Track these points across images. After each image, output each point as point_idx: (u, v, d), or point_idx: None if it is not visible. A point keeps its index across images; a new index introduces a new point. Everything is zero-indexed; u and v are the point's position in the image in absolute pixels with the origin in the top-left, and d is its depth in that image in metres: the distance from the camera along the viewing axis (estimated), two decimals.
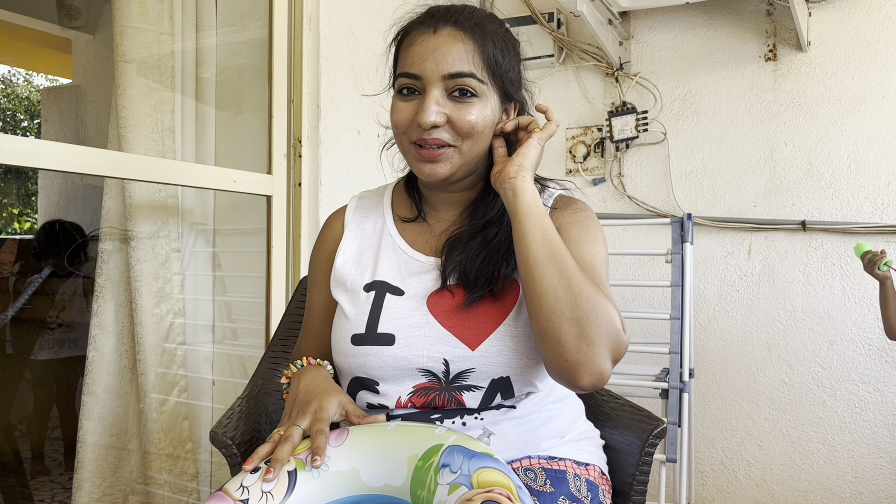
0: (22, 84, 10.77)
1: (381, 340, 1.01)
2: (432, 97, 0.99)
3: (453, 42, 1.00)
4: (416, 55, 1.01)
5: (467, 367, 0.99)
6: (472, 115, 1.00)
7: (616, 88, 2.80)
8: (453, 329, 1.00)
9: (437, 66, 0.99)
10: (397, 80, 1.03)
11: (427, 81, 1.00)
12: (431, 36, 1.01)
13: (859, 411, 2.49)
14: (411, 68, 1.01)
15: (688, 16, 2.73)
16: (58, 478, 3.22)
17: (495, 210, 1.06)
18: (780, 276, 2.59)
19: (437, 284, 1.04)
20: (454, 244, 1.05)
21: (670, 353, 2.17)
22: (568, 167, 2.88)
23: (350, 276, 1.09)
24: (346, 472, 0.86)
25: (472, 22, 1.02)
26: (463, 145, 1.01)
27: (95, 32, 3.21)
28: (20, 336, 3.13)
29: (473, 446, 0.83)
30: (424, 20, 1.03)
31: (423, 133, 0.99)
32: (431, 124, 0.99)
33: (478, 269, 1.01)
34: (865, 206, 2.48)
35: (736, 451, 2.66)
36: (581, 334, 0.90)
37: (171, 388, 1.88)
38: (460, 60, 0.99)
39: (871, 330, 2.47)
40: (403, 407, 1.01)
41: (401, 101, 1.02)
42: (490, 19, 1.05)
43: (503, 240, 1.04)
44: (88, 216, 3.31)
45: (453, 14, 1.02)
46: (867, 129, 2.48)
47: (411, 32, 1.04)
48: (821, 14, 2.55)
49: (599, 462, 1.09)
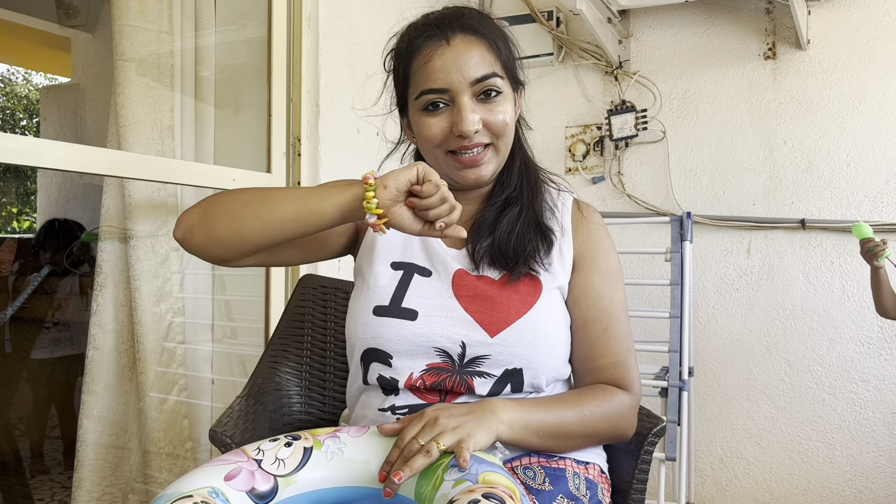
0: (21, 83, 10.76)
1: (404, 314, 1.03)
2: (467, 106, 1.02)
3: (469, 48, 1.03)
4: (436, 69, 1.02)
5: (483, 353, 1.00)
6: (503, 114, 1.04)
7: (615, 87, 2.80)
8: (475, 314, 1.02)
9: (463, 75, 1.01)
10: (421, 97, 1.03)
11: (455, 92, 1.02)
12: (446, 48, 1.02)
13: (859, 410, 2.49)
14: (436, 83, 1.02)
15: (687, 14, 2.73)
16: (57, 476, 3.22)
17: (512, 186, 1.10)
18: (780, 274, 2.60)
19: (465, 268, 1.07)
20: (480, 228, 1.08)
21: (670, 352, 2.17)
22: (567, 165, 2.88)
23: (378, 250, 1.11)
24: (359, 461, 0.88)
25: (477, 23, 1.05)
26: (499, 143, 1.05)
27: (94, 31, 3.21)
28: (20, 335, 3.13)
29: (486, 457, 0.85)
30: (432, 33, 1.04)
31: (462, 141, 1.02)
32: (474, 132, 1.01)
33: (514, 247, 1.05)
34: (865, 205, 2.48)
35: (735, 450, 2.66)
36: (611, 441, 1.07)
37: (170, 387, 1.88)
38: (482, 64, 1.02)
39: (871, 328, 2.47)
40: (414, 384, 1.02)
41: (430, 118, 1.03)
42: (484, 16, 1.08)
43: (530, 218, 1.08)
44: (88, 215, 3.31)
45: (457, 21, 1.04)
46: (866, 127, 2.48)
47: (422, 49, 1.04)
48: (820, 12, 2.55)
49: (599, 460, 1.09)
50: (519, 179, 1.11)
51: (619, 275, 1.12)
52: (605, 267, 1.10)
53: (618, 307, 1.08)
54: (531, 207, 1.09)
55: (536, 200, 1.10)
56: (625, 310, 1.10)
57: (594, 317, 1.06)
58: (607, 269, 1.10)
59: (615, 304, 1.08)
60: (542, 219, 1.09)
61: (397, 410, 1.03)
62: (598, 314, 1.06)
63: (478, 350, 1.01)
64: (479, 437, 0.88)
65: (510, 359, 1.00)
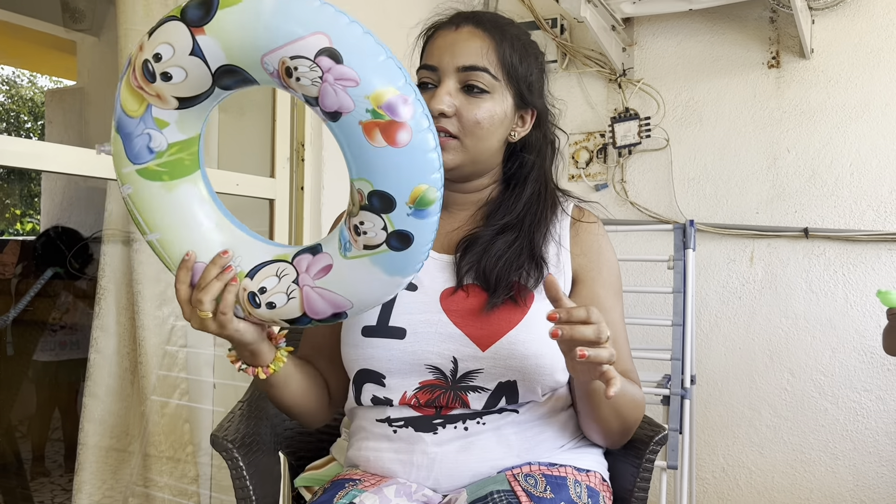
0: (26, 85, 10.79)
1: (392, 334, 1.02)
2: (445, 87, 1.03)
3: (472, 38, 1.04)
4: (435, 48, 1.06)
5: (476, 368, 0.99)
6: (480, 112, 1.03)
7: (619, 94, 2.80)
8: (465, 328, 1.01)
9: (454, 58, 1.03)
10: (419, 70, 1.07)
11: (443, 73, 1.03)
12: (453, 32, 1.06)
13: (861, 419, 2.48)
14: (430, 60, 1.06)
15: (691, 23, 2.73)
16: (58, 479, 3.23)
17: (514, 214, 1.08)
18: (783, 283, 2.59)
19: (450, 282, 1.05)
20: (471, 244, 1.06)
21: (672, 360, 2.17)
22: (570, 173, 2.89)
23: None
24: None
25: (493, 23, 1.06)
26: (466, 139, 1.03)
27: (100, 35, 3.21)
28: (22, 337, 3.13)
29: None
30: (450, 19, 1.08)
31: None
32: (439, 111, 1.01)
33: (499, 273, 1.02)
34: (868, 214, 2.48)
35: (737, 459, 2.65)
36: (622, 436, 1.07)
37: (172, 391, 1.88)
38: (475, 55, 1.03)
39: (873, 338, 2.46)
40: (408, 402, 1.02)
41: (424, 94, 1.04)
42: (512, 24, 1.10)
43: (525, 246, 1.05)
44: (91, 218, 3.32)
45: (477, 15, 1.08)
46: (870, 136, 2.48)
47: (434, 31, 1.09)
48: (824, 22, 2.55)
49: (600, 468, 1.09)
50: (525, 209, 1.09)
51: (620, 285, 1.12)
52: (608, 279, 1.09)
53: (620, 318, 1.09)
54: (528, 236, 1.06)
55: (539, 231, 1.08)
56: (624, 320, 1.10)
57: None
58: (609, 281, 1.09)
59: (618, 316, 1.08)
60: (538, 248, 1.06)
61: (393, 423, 1.04)
62: None
63: (470, 365, 1.00)
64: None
65: (503, 371, 0.99)
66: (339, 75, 0.77)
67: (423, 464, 1.02)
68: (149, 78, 0.85)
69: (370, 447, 1.07)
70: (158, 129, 0.88)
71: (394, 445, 1.05)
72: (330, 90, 0.78)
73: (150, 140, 0.88)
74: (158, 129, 0.88)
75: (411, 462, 1.03)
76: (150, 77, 0.85)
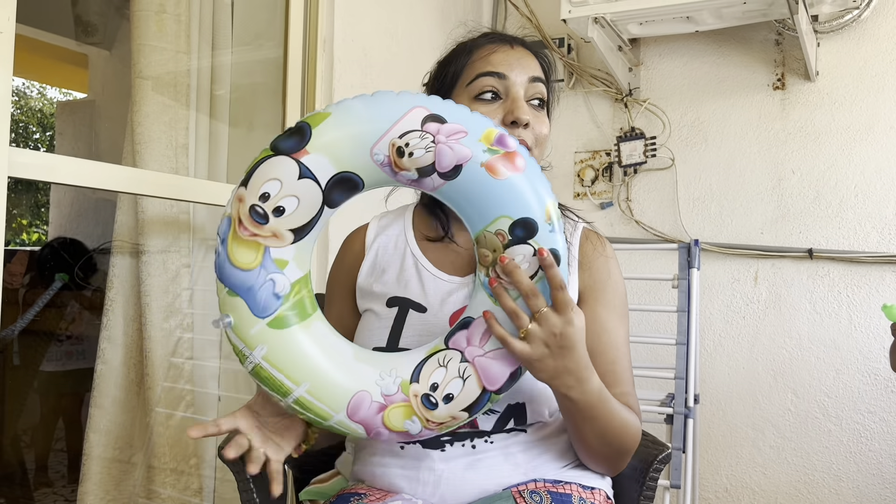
0: (35, 96, 10.86)
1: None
2: (522, 97, 1.04)
3: (529, 57, 1.08)
4: (498, 60, 1.05)
5: None
6: (545, 126, 1.07)
7: (625, 114, 2.82)
8: None
9: (523, 70, 1.05)
10: (476, 80, 1.05)
11: (512, 83, 1.04)
12: (510, 49, 1.07)
13: (865, 441, 2.48)
14: (497, 68, 1.05)
15: (697, 44, 2.76)
16: (61, 490, 3.22)
17: None
18: (787, 303, 2.59)
19: (460, 304, 1.06)
20: None
21: (675, 379, 2.17)
22: (576, 191, 2.90)
23: (374, 290, 1.11)
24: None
25: (536, 49, 1.11)
26: (535, 150, 1.05)
27: (112, 49, 3.25)
28: (29, 347, 3.14)
29: None
30: (496, 38, 1.09)
31: (513, 129, 1.02)
32: (525, 121, 1.03)
33: None
34: (872, 236, 2.49)
35: (740, 479, 2.64)
36: (608, 461, 1.04)
37: (177, 403, 1.89)
38: (538, 71, 1.07)
39: (878, 360, 2.46)
40: None
41: (482, 106, 1.04)
42: (544, 46, 1.15)
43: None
44: (100, 229, 3.34)
45: (519, 39, 1.11)
46: (874, 159, 2.50)
47: (485, 46, 1.08)
48: (829, 45, 2.57)
49: (605, 486, 1.09)
50: None
51: (625, 308, 1.11)
52: (612, 301, 1.09)
53: (622, 340, 1.08)
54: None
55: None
56: (628, 343, 1.10)
57: (600, 350, 1.05)
58: (614, 303, 1.09)
59: (619, 338, 1.08)
60: None
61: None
62: (604, 348, 1.05)
63: None
64: (562, 378, 0.90)
65: (513, 394, 0.99)
66: (449, 132, 0.83)
67: (429, 480, 1.02)
68: (260, 221, 0.85)
69: (377, 462, 1.08)
70: (280, 271, 0.87)
71: (401, 461, 1.05)
72: (446, 148, 0.83)
73: (275, 286, 0.87)
74: (280, 271, 0.87)
75: (418, 478, 1.03)
76: (261, 219, 0.85)
